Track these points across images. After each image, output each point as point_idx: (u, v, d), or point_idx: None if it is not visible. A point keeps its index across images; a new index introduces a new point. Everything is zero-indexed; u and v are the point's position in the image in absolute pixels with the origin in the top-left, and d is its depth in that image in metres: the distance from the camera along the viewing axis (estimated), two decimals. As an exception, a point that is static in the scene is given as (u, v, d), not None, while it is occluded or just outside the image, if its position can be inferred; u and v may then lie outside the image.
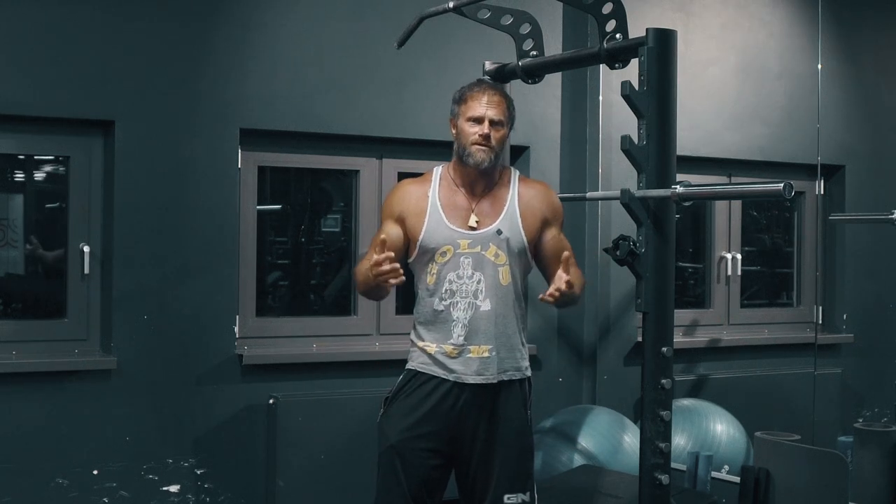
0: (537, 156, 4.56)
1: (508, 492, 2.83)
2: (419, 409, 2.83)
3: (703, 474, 3.69)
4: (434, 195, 2.89)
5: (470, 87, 2.90)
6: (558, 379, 4.62)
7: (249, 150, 4.08)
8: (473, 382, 2.81)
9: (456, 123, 2.89)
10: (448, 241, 2.84)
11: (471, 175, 2.87)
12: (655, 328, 2.69)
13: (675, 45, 2.71)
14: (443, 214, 2.86)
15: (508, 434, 2.85)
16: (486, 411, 2.83)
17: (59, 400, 3.71)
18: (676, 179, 2.68)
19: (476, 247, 2.83)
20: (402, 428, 2.84)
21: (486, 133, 2.81)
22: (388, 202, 2.97)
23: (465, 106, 2.85)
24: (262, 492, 3.99)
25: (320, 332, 4.24)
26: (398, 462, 2.82)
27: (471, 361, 2.81)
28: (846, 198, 5.23)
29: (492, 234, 2.84)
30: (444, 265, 2.84)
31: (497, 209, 2.87)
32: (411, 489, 2.81)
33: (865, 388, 5.19)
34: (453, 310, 2.82)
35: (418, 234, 2.86)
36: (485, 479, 2.84)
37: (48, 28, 3.68)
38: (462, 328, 2.81)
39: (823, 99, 4.76)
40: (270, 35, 4.03)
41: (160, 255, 3.85)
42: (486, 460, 2.84)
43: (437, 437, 2.82)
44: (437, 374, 2.84)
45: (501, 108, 2.85)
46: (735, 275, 5.11)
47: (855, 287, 5.25)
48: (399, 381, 2.92)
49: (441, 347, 2.83)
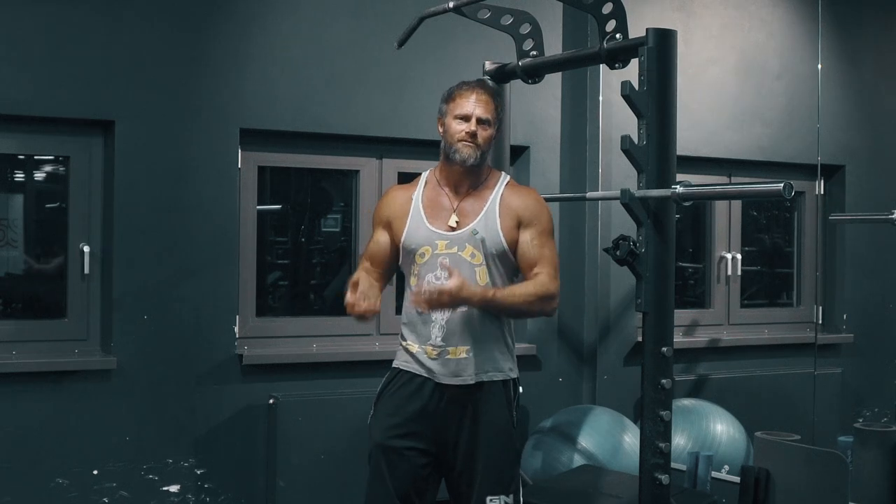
0: (537, 156, 4.56)
1: (490, 493, 2.81)
2: (404, 409, 2.84)
3: (703, 474, 3.69)
4: (418, 197, 2.90)
5: (458, 86, 2.90)
6: (558, 379, 4.62)
7: (249, 150, 4.08)
8: (450, 383, 2.81)
9: (443, 122, 2.88)
10: (426, 242, 2.84)
11: (456, 174, 2.87)
12: (655, 328, 2.69)
13: (675, 45, 2.72)
14: (423, 216, 2.86)
15: (490, 435, 2.83)
16: (468, 412, 2.82)
17: (59, 400, 3.71)
18: (676, 179, 2.68)
19: (453, 247, 2.82)
20: (386, 426, 2.84)
21: (472, 130, 2.80)
22: (376, 209, 3.00)
23: (453, 104, 2.85)
24: (262, 492, 3.99)
25: (320, 332, 4.24)
26: (383, 462, 2.82)
27: (448, 362, 2.80)
28: (846, 198, 5.23)
29: (468, 235, 2.82)
30: (423, 266, 2.84)
31: (477, 209, 2.86)
32: (397, 489, 2.80)
33: (865, 388, 5.19)
34: (432, 311, 2.81)
35: (400, 236, 2.88)
36: (469, 481, 2.83)
37: (48, 28, 3.68)
38: (440, 329, 2.81)
39: (823, 99, 4.76)
40: (270, 35, 4.03)
41: (160, 255, 3.84)
42: (469, 462, 2.83)
43: (421, 436, 2.82)
44: (419, 372, 2.84)
45: (489, 107, 2.84)
46: (735, 275, 5.11)
47: (855, 287, 5.25)
48: (384, 380, 2.93)
49: (422, 348, 2.84)
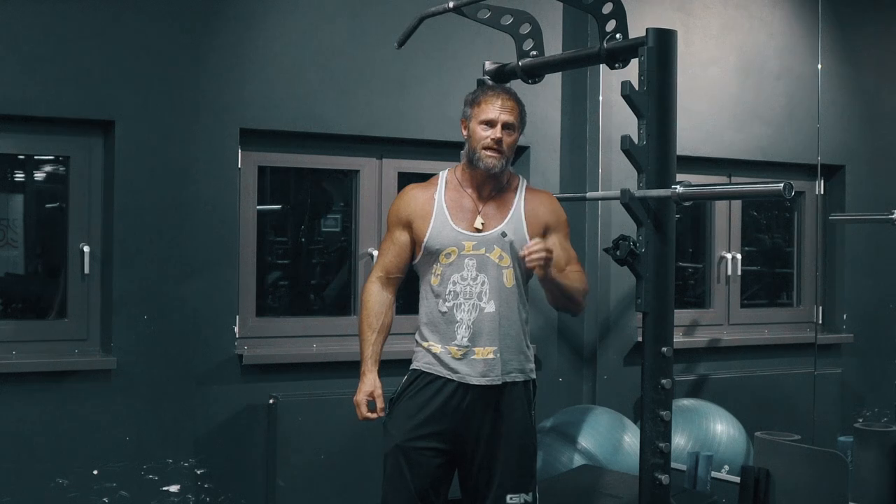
0: (537, 156, 4.56)
1: (511, 492, 2.84)
2: (425, 410, 2.84)
3: (703, 474, 3.69)
4: (440, 197, 2.91)
5: (484, 90, 2.93)
6: (558, 379, 4.62)
7: (249, 150, 4.08)
8: (478, 384, 2.82)
9: (468, 125, 2.90)
10: (453, 243, 2.84)
11: (479, 177, 2.89)
12: (655, 328, 2.69)
13: (675, 45, 2.71)
14: (448, 216, 2.87)
15: (512, 434, 2.86)
16: (491, 412, 2.85)
17: (59, 400, 3.71)
18: (676, 179, 2.68)
19: (480, 248, 2.84)
20: (407, 428, 2.85)
21: (498, 137, 2.82)
22: (394, 208, 2.98)
23: (479, 109, 2.86)
24: (262, 492, 3.99)
25: (320, 332, 4.24)
26: (404, 462, 2.83)
27: (475, 363, 2.82)
28: (846, 198, 5.24)
29: (496, 237, 2.85)
30: (448, 266, 2.85)
31: (503, 212, 2.89)
32: (418, 489, 2.82)
33: (865, 388, 5.19)
34: (457, 311, 2.83)
35: (423, 236, 2.87)
36: (487, 479, 2.85)
37: (48, 28, 3.68)
38: (466, 329, 2.82)
39: (823, 99, 4.77)
40: (270, 35, 4.03)
41: (160, 255, 3.84)
42: (490, 460, 2.85)
43: (442, 437, 2.84)
44: (441, 374, 2.85)
45: (515, 113, 2.87)
46: (735, 275, 5.11)
47: (855, 287, 5.25)
48: (404, 381, 2.93)
49: (446, 348, 2.84)
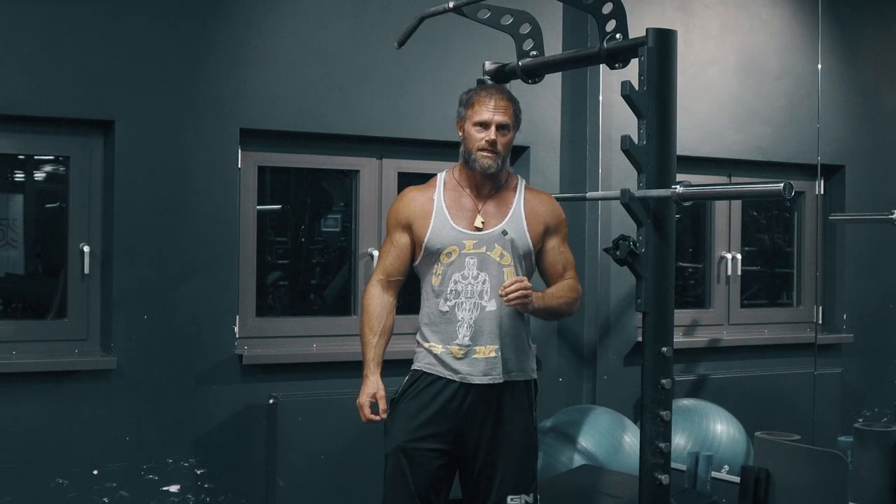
0: (537, 156, 4.56)
1: (512, 493, 2.84)
2: (426, 411, 2.84)
3: (703, 474, 3.69)
4: (439, 197, 2.91)
5: (477, 90, 2.92)
6: (558, 379, 4.62)
7: (249, 150, 4.08)
8: (480, 383, 2.82)
9: (463, 126, 2.90)
10: (453, 242, 2.85)
11: (477, 177, 2.89)
12: (655, 328, 2.69)
13: (675, 45, 2.72)
14: (448, 216, 2.87)
15: (513, 434, 2.86)
16: (492, 411, 2.85)
17: (59, 400, 3.71)
18: (676, 179, 2.68)
19: (481, 247, 2.84)
20: (409, 429, 2.85)
21: (492, 139, 2.82)
22: (393, 210, 2.97)
23: (472, 110, 2.86)
24: (262, 492, 3.99)
25: (320, 332, 4.24)
26: (405, 463, 2.83)
27: (477, 362, 2.82)
28: (846, 198, 5.23)
29: (497, 235, 2.85)
30: (449, 266, 2.85)
31: (503, 211, 2.89)
32: (419, 489, 2.83)
33: (865, 388, 5.19)
34: (458, 310, 2.83)
35: (423, 236, 2.87)
36: (489, 479, 2.85)
37: (48, 28, 3.68)
38: (468, 328, 2.82)
39: (823, 99, 4.76)
40: (270, 35, 4.03)
41: (160, 255, 3.84)
42: (491, 460, 2.85)
43: (443, 437, 2.84)
44: (442, 374, 2.85)
45: (508, 112, 2.86)
46: (735, 275, 5.10)
47: (855, 287, 5.24)
48: (405, 382, 2.93)
49: (447, 348, 2.84)
